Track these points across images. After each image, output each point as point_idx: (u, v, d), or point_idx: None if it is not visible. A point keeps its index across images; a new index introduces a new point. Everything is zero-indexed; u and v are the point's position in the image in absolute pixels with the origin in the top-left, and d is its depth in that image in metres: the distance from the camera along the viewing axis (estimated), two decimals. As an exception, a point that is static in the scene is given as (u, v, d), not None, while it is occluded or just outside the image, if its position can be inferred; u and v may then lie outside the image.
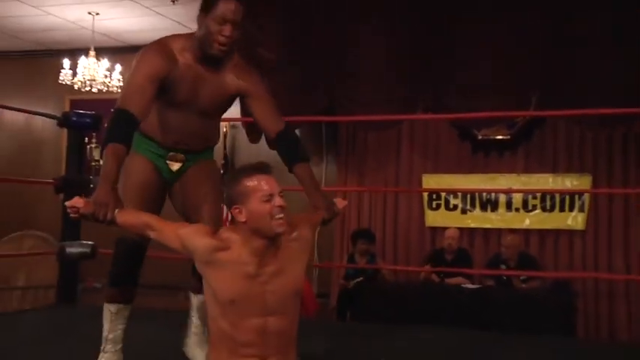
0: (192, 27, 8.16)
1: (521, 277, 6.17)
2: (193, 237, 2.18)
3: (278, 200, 2.11)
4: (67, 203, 2.31)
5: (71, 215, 2.30)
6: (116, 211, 2.26)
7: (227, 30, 2.48)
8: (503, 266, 6.20)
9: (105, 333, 2.64)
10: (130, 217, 2.32)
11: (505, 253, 6.32)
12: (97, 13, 7.22)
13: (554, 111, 5.45)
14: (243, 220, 2.14)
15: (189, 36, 2.64)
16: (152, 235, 2.27)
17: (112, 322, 2.63)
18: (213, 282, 2.15)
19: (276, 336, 2.16)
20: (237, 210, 2.14)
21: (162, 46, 2.60)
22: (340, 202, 2.72)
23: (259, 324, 2.13)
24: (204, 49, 2.54)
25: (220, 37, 2.48)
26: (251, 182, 2.13)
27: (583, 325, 6.58)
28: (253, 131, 6.80)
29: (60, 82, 7.43)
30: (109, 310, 2.64)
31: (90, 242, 4.48)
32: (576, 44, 5.50)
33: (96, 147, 8.23)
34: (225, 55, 2.56)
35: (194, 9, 7.24)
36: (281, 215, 2.10)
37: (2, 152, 8.84)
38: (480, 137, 7.13)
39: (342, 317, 6.48)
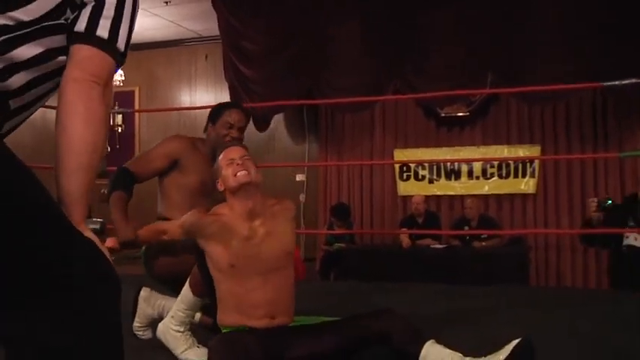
0: (185, 25, 8.05)
1: (482, 236, 6.26)
2: (190, 222, 2.20)
3: (238, 160, 2.16)
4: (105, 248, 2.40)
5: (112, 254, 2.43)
6: (138, 236, 2.39)
7: (234, 132, 2.66)
8: (466, 227, 6.27)
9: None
10: (147, 234, 2.39)
11: (467, 213, 6.43)
12: (99, 16, 7.11)
13: (504, 88, 5.46)
14: (222, 188, 2.19)
15: (203, 140, 2.78)
16: (165, 237, 2.32)
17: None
18: (213, 252, 2.14)
19: (278, 293, 2.12)
20: (218, 183, 2.20)
21: (184, 137, 2.80)
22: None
23: (260, 282, 2.10)
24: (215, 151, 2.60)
25: (228, 138, 2.62)
26: (220, 156, 2.23)
27: (535, 274, 6.70)
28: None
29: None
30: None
31: (99, 219, 4.50)
32: (524, 30, 5.50)
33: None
34: None
35: (185, 9, 7.24)
36: (242, 170, 2.14)
37: (25, 143, 8.62)
38: (442, 115, 7.16)
39: (324, 277, 6.54)
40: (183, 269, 2.38)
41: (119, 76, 7.34)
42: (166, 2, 6.69)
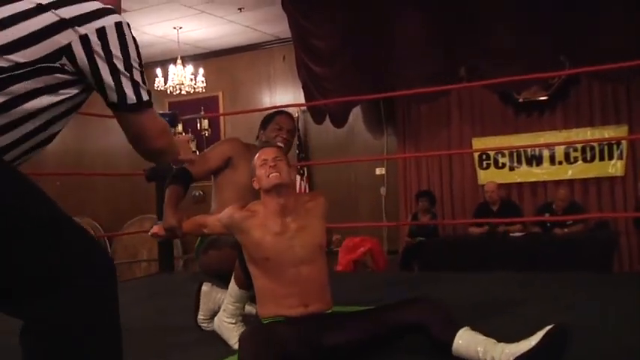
0: (260, 29, 8.22)
1: (568, 222, 6.04)
2: (228, 216, 2.31)
3: (270, 162, 2.25)
4: (149, 233, 2.69)
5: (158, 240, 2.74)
6: (181, 226, 2.58)
7: (284, 133, 2.82)
8: (547, 214, 6.06)
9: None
10: (190, 226, 2.56)
11: (556, 204, 6.22)
12: (180, 27, 7.43)
13: (580, 68, 5.18)
14: (257, 187, 2.28)
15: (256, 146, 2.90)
16: (206, 230, 2.48)
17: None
18: (249, 246, 2.23)
19: (311, 283, 2.19)
20: (254, 181, 2.30)
21: (238, 139, 2.98)
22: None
23: (294, 274, 2.17)
24: None
25: (279, 139, 2.78)
26: (255, 156, 2.33)
27: (628, 259, 6.37)
28: (316, 114, 6.91)
29: (155, 89, 7.67)
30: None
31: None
32: (595, 3, 5.21)
33: (192, 140, 8.53)
34: None
35: (258, 14, 7.42)
36: (274, 172, 2.22)
37: (121, 152, 9.07)
38: (520, 100, 6.94)
39: (406, 269, 6.52)
40: (229, 263, 2.48)
41: (201, 82, 7.62)
42: (240, 9, 6.89)
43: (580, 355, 1.96)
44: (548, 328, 1.85)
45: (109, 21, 1.29)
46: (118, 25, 1.30)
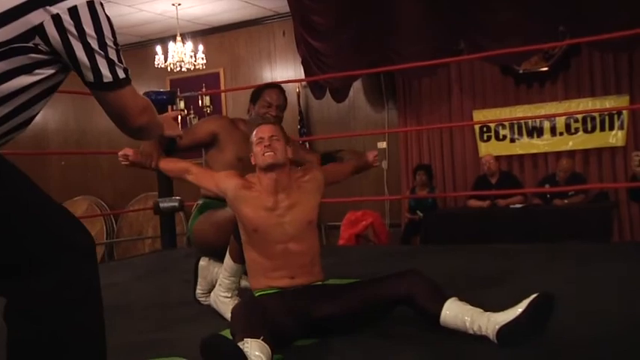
0: (259, 4, 8.16)
1: (570, 193, 6.05)
2: (225, 178, 2.36)
3: (266, 141, 2.26)
4: (119, 153, 2.51)
5: (122, 162, 2.50)
6: (160, 160, 2.51)
7: (273, 111, 2.77)
8: (547, 185, 6.06)
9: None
10: (171, 164, 2.52)
11: (560, 175, 6.22)
12: (179, 4, 7.38)
13: (580, 38, 5.12)
14: (254, 162, 2.31)
15: (245, 120, 2.92)
16: (190, 178, 2.45)
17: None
18: (241, 214, 2.28)
19: (298, 258, 2.23)
20: (251, 156, 2.33)
21: (224, 116, 3.01)
22: (371, 153, 2.80)
23: (282, 249, 2.22)
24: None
25: (268, 117, 2.73)
26: (253, 132, 2.35)
27: (629, 229, 6.38)
28: (317, 89, 6.90)
29: (156, 66, 7.66)
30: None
31: (178, 197, 4.72)
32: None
33: (194, 117, 8.53)
34: None
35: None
36: (269, 151, 2.25)
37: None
38: (521, 71, 6.89)
39: (407, 242, 6.57)
40: (221, 239, 2.51)
41: (201, 59, 7.59)
42: (238, -16, 6.84)
43: (579, 321, 2.00)
44: (533, 296, 1.88)
45: (80, 0, 1.29)
46: (90, 4, 1.30)
